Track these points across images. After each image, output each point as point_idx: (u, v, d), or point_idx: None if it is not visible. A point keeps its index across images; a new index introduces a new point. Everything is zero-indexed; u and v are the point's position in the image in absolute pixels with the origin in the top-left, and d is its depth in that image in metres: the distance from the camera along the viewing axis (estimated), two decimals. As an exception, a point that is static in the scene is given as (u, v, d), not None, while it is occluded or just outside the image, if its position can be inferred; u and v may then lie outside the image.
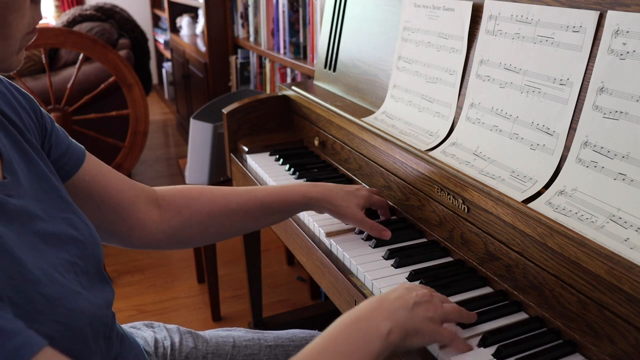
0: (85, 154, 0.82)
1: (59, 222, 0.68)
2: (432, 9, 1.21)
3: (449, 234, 1.01)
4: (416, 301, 0.72)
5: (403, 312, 0.70)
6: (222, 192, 0.94)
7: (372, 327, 0.67)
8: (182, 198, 0.91)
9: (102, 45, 2.48)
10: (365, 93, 1.42)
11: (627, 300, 0.68)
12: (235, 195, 0.94)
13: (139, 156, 2.74)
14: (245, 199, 0.94)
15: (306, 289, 2.35)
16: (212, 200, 0.92)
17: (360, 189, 1.06)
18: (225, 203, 0.93)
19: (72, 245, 0.68)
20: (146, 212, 0.88)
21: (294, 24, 2.32)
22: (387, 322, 0.68)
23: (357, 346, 0.65)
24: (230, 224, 0.95)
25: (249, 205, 0.94)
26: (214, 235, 0.96)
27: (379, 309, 0.70)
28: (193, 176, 2.07)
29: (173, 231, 0.90)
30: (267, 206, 0.95)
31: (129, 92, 2.59)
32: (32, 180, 0.67)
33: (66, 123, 2.52)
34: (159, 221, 0.89)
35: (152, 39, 5.57)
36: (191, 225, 0.91)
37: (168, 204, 0.90)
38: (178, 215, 0.90)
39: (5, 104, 0.70)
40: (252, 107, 1.60)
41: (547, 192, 0.87)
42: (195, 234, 0.93)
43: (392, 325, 0.68)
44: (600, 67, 0.84)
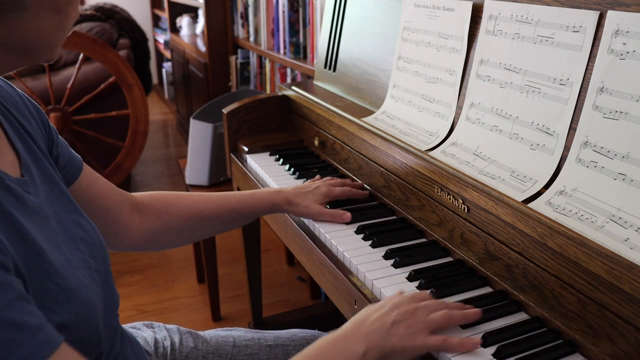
0: (82, 163, 0.88)
1: (70, 224, 0.71)
2: (432, 9, 1.21)
3: (449, 234, 1.01)
4: (395, 320, 0.73)
5: (379, 332, 0.72)
6: (197, 199, 1.02)
7: (349, 349, 0.70)
8: (161, 204, 0.99)
9: (102, 45, 2.48)
10: (365, 93, 1.42)
11: (627, 300, 0.68)
12: (209, 202, 1.02)
13: (139, 156, 2.74)
14: (218, 205, 1.03)
15: (306, 289, 2.35)
16: (189, 207, 1.00)
17: (319, 187, 1.13)
18: (199, 209, 1.01)
19: (82, 244, 0.71)
20: (130, 217, 0.94)
21: (294, 24, 2.32)
22: (362, 345, 0.70)
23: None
24: (203, 228, 1.04)
25: (221, 212, 1.03)
26: (188, 237, 1.05)
27: (356, 332, 0.72)
28: (193, 176, 2.07)
29: (153, 234, 0.97)
30: (236, 212, 1.05)
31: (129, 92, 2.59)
32: (44, 183, 0.70)
33: (66, 123, 2.52)
34: (140, 225, 0.95)
35: (152, 39, 5.57)
36: (169, 229, 0.99)
37: (147, 209, 0.97)
38: (157, 220, 0.97)
39: (18, 111, 0.73)
40: (252, 107, 1.60)
41: (547, 192, 0.87)
42: (172, 237, 1.01)
43: (368, 347, 0.70)
44: (600, 67, 0.84)
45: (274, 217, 1.32)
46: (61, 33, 0.64)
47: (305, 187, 1.12)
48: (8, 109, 0.71)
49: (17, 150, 0.68)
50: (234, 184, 1.67)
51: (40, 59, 0.65)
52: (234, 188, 1.69)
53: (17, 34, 0.59)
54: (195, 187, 2.06)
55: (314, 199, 1.10)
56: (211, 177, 2.05)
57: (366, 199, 1.23)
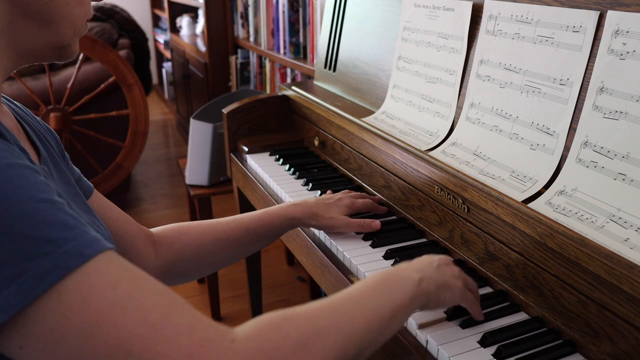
0: (93, 187, 0.87)
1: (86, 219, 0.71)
2: (432, 9, 1.21)
3: (449, 234, 1.01)
4: (440, 263, 0.78)
5: (430, 268, 0.76)
6: (209, 224, 0.98)
7: (404, 276, 0.72)
8: (173, 233, 0.95)
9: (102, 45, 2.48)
10: (365, 93, 1.42)
11: (627, 300, 0.68)
12: (222, 225, 0.98)
13: (139, 156, 2.74)
14: (232, 227, 0.98)
15: (306, 289, 2.35)
16: (201, 232, 0.96)
17: (342, 199, 1.08)
18: (213, 234, 0.96)
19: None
20: (144, 248, 0.91)
21: (294, 24, 2.32)
22: (417, 273, 0.73)
23: (392, 288, 0.69)
24: (221, 254, 0.98)
25: (236, 234, 0.98)
26: (207, 266, 0.99)
27: (408, 266, 0.75)
28: (193, 176, 2.07)
29: (168, 266, 0.93)
30: (253, 232, 0.99)
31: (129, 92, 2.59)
32: (61, 182, 0.71)
33: (66, 123, 2.52)
34: (154, 258, 0.92)
35: (152, 39, 5.57)
36: (184, 259, 0.95)
37: (161, 240, 0.94)
38: (170, 250, 0.94)
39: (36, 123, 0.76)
40: (252, 107, 1.60)
41: (547, 192, 0.87)
42: (190, 266, 0.96)
43: (422, 275, 0.73)
44: (600, 67, 0.84)
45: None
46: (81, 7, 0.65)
47: (328, 198, 1.08)
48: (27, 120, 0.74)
49: (36, 148, 0.70)
50: (234, 184, 1.67)
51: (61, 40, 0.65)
52: (234, 188, 1.69)
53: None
54: (195, 187, 2.06)
55: (338, 210, 1.05)
56: (211, 177, 2.05)
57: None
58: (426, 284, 0.72)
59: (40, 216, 0.49)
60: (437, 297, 0.74)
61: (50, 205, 0.50)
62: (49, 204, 0.50)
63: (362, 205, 1.11)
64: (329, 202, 1.06)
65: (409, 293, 0.70)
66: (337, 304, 0.64)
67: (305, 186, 1.31)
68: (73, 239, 0.50)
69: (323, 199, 1.08)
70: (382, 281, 0.70)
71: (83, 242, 0.50)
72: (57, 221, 0.50)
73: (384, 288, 0.69)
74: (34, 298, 0.47)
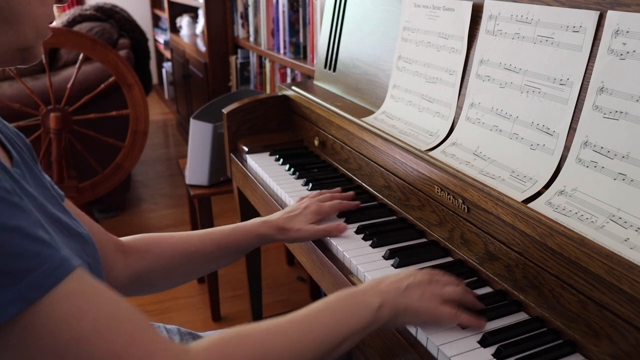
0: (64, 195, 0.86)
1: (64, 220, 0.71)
2: (432, 9, 1.21)
3: (449, 234, 1.01)
4: (410, 284, 0.78)
5: (394, 292, 0.76)
6: (181, 237, 0.99)
7: (365, 300, 0.74)
8: (145, 244, 0.95)
9: (102, 45, 2.48)
10: (365, 93, 1.42)
11: (627, 300, 0.68)
12: (193, 238, 0.99)
13: (139, 156, 2.74)
14: (203, 241, 0.99)
15: (306, 289, 2.35)
16: (173, 245, 0.97)
17: (308, 206, 1.08)
18: (185, 246, 0.97)
19: (77, 237, 0.71)
20: (114, 258, 0.91)
21: (294, 24, 2.32)
22: (378, 299, 0.75)
23: (349, 313, 0.73)
24: (191, 266, 0.99)
25: (207, 247, 0.99)
26: (178, 277, 1.00)
27: (374, 288, 0.77)
28: (193, 176, 2.07)
29: (138, 275, 0.94)
30: (223, 247, 1.00)
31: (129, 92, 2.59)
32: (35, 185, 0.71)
33: (66, 123, 2.52)
34: (124, 267, 0.92)
35: (152, 39, 5.57)
36: (155, 269, 0.95)
37: (132, 250, 0.94)
38: (141, 260, 0.94)
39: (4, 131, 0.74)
40: (252, 107, 1.60)
41: (547, 192, 0.87)
42: (160, 277, 0.97)
43: (382, 301, 0.74)
44: (600, 67, 0.84)
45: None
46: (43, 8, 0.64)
47: (294, 209, 1.08)
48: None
49: (8, 151, 0.69)
50: (234, 184, 1.67)
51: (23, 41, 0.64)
52: (234, 188, 1.69)
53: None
54: (195, 187, 2.06)
55: (305, 220, 1.06)
56: (211, 177, 2.05)
57: (366, 199, 1.23)
58: (385, 310, 0.74)
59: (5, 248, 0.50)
60: (396, 321, 0.77)
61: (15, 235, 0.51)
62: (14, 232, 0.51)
63: (330, 209, 1.10)
64: (295, 214, 1.06)
65: (365, 320, 0.73)
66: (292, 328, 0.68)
67: (305, 186, 1.31)
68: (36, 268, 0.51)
69: (290, 210, 1.07)
70: (342, 305, 0.74)
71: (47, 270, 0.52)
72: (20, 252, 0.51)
73: (341, 313, 0.72)
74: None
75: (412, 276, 0.80)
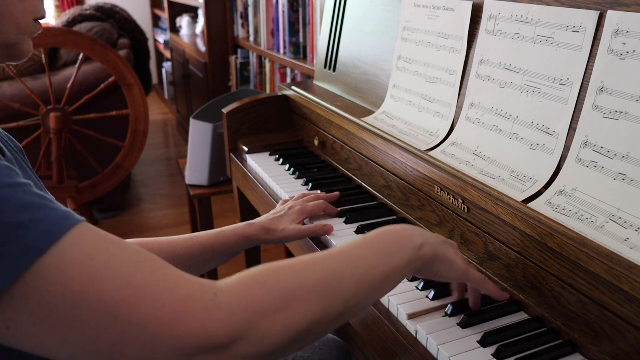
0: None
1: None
2: (432, 9, 1.21)
3: (449, 234, 1.01)
4: (448, 242, 0.80)
5: (435, 239, 0.77)
6: (168, 240, 0.98)
7: (408, 237, 0.73)
8: None
9: (102, 45, 2.48)
10: (365, 93, 1.42)
11: (627, 300, 0.68)
12: (179, 242, 0.98)
13: (139, 156, 2.74)
14: (189, 244, 0.98)
15: (306, 289, 2.35)
16: (159, 249, 0.96)
17: (293, 207, 1.08)
18: (171, 249, 0.96)
19: None
20: None
21: (294, 24, 2.32)
22: (421, 239, 0.74)
23: (391, 248, 0.70)
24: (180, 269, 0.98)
25: (193, 251, 0.98)
26: None
27: (416, 230, 0.76)
28: (193, 176, 2.07)
29: None
30: (209, 250, 0.99)
31: (129, 92, 2.59)
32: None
33: (66, 123, 2.52)
34: None
35: (152, 39, 5.57)
36: None
37: None
38: None
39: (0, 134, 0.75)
40: (252, 107, 1.60)
41: (547, 192, 0.87)
42: None
43: (425, 242, 0.74)
44: (600, 67, 0.84)
45: (274, 217, 1.32)
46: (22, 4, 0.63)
47: (279, 211, 1.09)
48: None
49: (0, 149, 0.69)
50: (234, 184, 1.67)
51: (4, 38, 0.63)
52: (234, 188, 1.69)
53: None
54: (196, 187, 2.06)
55: (290, 220, 1.06)
56: (211, 177, 2.05)
57: (365, 199, 1.23)
58: (425, 250, 0.73)
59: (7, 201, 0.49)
60: (432, 267, 0.75)
61: (15, 190, 0.51)
62: (15, 188, 0.51)
63: (315, 208, 1.11)
64: (280, 215, 1.06)
65: (407, 257, 0.70)
66: (329, 261, 0.64)
67: (306, 186, 1.31)
68: (42, 219, 0.50)
69: (275, 212, 1.08)
70: (383, 240, 0.71)
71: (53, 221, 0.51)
72: (25, 204, 0.50)
73: (382, 249, 0.69)
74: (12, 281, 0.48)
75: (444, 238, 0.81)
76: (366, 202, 1.22)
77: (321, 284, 0.60)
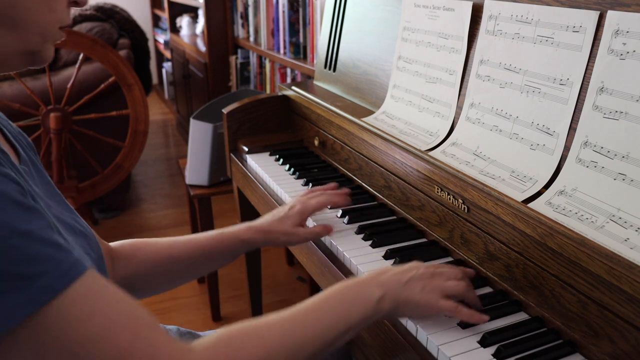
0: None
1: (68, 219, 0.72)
2: (432, 9, 1.21)
3: (449, 234, 1.01)
4: (412, 277, 0.78)
5: (396, 284, 0.76)
6: (166, 242, 0.97)
7: (366, 292, 0.74)
8: (131, 249, 0.95)
9: (102, 45, 2.48)
10: (365, 93, 1.42)
11: (627, 300, 0.68)
12: (178, 243, 0.97)
13: (139, 156, 2.74)
14: (188, 246, 0.97)
15: (306, 289, 2.35)
16: (157, 250, 0.96)
17: (293, 206, 1.04)
18: (169, 252, 0.96)
19: (82, 237, 0.72)
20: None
21: (294, 24, 2.32)
22: (379, 290, 0.74)
23: (350, 305, 0.73)
24: (176, 271, 0.98)
25: (191, 253, 0.97)
26: (163, 283, 0.99)
27: (374, 279, 0.76)
28: (193, 176, 2.07)
29: (123, 282, 0.92)
30: (208, 252, 0.98)
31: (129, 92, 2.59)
32: (41, 183, 0.72)
33: (66, 123, 2.52)
34: (112, 273, 0.91)
35: (152, 39, 5.57)
36: (139, 275, 0.94)
37: (118, 256, 0.93)
38: (127, 266, 0.93)
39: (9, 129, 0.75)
40: (252, 107, 1.61)
41: (547, 192, 0.87)
42: (143, 283, 0.96)
43: (383, 293, 0.74)
44: (600, 67, 0.84)
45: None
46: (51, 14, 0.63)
47: (279, 212, 1.04)
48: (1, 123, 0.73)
49: (15, 148, 0.70)
50: (234, 184, 1.67)
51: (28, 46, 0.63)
52: (234, 188, 1.69)
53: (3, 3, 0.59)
54: (195, 187, 2.06)
55: (290, 222, 1.01)
56: (211, 177, 2.05)
57: (366, 199, 1.23)
58: (385, 302, 0.74)
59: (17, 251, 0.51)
60: (396, 313, 0.77)
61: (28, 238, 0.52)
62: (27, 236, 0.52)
63: (316, 204, 1.05)
64: (279, 217, 1.02)
65: (366, 312, 0.73)
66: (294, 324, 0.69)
67: (305, 186, 1.31)
68: (48, 271, 0.53)
69: (276, 214, 1.04)
70: (342, 297, 0.74)
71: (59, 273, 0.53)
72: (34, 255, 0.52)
73: (341, 305, 0.72)
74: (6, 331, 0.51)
75: (414, 269, 0.79)
76: (366, 202, 1.22)
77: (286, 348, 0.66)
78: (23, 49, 0.63)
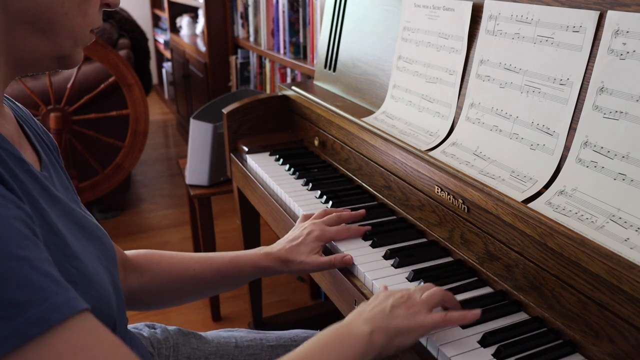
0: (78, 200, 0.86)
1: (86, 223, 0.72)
2: (432, 9, 1.21)
3: (449, 234, 1.01)
4: (393, 304, 0.76)
5: (381, 316, 0.74)
6: (181, 258, 0.96)
7: (354, 331, 0.72)
8: (145, 261, 0.94)
9: (102, 45, 2.48)
10: (365, 93, 1.42)
11: (627, 300, 0.68)
12: (193, 261, 0.97)
13: (139, 156, 2.74)
14: (202, 266, 0.96)
15: (306, 289, 2.35)
16: (171, 266, 0.95)
17: (311, 232, 1.00)
18: (183, 269, 0.95)
19: (97, 242, 0.71)
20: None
21: (294, 24, 2.32)
22: (367, 326, 0.72)
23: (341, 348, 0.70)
24: (188, 289, 0.97)
25: (205, 273, 0.96)
26: (172, 299, 0.98)
27: (358, 319, 0.74)
28: (193, 176, 2.07)
29: (134, 293, 0.92)
30: (222, 274, 0.97)
31: (129, 92, 2.59)
32: (61, 186, 0.72)
33: (66, 123, 2.52)
34: (123, 282, 0.90)
35: (152, 39, 5.57)
36: (151, 289, 0.94)
37: (133, 266, 0.92)
38: (140, 278, 0.93)
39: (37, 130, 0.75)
40: (252, 107, 1.61)
41: (547, 192, 0.87)
42: (155, 296, 0.95)
43: (372, 327, 0.72)
44: (600, 67, 0.84)
45: (274, 217, 1.32)
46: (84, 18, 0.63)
47: (296, 237, 1.00)
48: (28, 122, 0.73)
49: (37, 152, 0.70)
50: (234, 184, 1.67)
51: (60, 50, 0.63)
52: (234, 188, 1.69)
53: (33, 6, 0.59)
54: (195, 187, 2.06)
55: (307, 250, 0.98)
56: (211, 177, 2.05)
57: (366, 199, 1.23)
58: (377, 335, 0.72)
59: (10, 276, 0.48)
60: (390, 346, 0.73)
61: (23, 265, 0.50)
62: (22, 262, 0.50)
63: (335, 234, 1.03)
64: (297, 243, 0.99)
65: (359, 350, 0.70)
66: None
67: (305, 186, 1.31)
68: (41, 302, 0.49)
69: (292, 239, 1.00)
70: (332, 340, 0.71)
71: (50, 307, 0.50)
72: (27, 283, 0.49)
73: (333, 348, 0.70)
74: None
75: (390, 296, 0.77)
76: (366, 202, 1.22)
77: None
78: (55, 54, 0.63)
